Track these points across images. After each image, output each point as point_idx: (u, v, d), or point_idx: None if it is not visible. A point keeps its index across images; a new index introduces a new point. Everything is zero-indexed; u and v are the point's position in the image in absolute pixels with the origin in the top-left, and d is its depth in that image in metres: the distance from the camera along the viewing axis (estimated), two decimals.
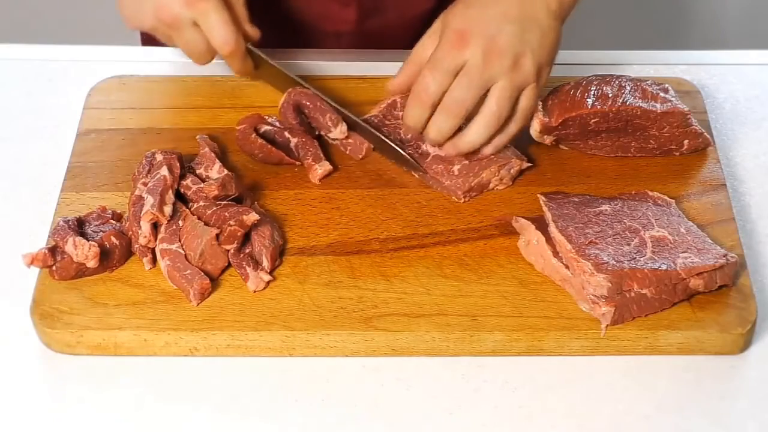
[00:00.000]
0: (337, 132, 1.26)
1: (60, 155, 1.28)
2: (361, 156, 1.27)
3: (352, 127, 1.27)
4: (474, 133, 1.21)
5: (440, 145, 1.24)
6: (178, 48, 1.28)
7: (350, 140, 1.27)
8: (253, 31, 1.30)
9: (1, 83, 1.40)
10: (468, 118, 1.21)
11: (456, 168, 1.23)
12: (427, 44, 1.24)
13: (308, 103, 1.28)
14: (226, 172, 1.21)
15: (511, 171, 1.24)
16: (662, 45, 2.53)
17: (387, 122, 1.29)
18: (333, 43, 1.49)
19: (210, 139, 1.26)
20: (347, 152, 1.28)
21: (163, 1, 1.23)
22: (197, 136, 1.26)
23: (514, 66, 1.18)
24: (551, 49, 1.22)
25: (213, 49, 1.26)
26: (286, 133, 1.27)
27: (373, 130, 1.26)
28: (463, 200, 1.23)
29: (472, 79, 1.18)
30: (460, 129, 1.22)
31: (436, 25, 1.24)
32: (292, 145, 1.26)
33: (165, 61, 1.41)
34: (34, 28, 2.57)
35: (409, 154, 1.24)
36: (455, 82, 1.19)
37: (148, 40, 1.53)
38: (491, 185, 1.24)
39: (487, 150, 1.23)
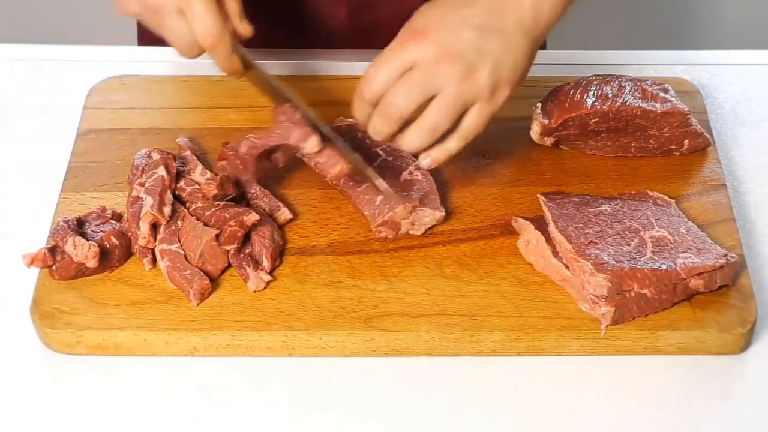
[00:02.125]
0: (309, 146, 1.18)
1: (60, 155, 1.28)
2: (332, 175, 1.19)
3: (328, 141, 1.19)
4: (408, 139, 1.14)
5: (382, 143, 1.18)
6: (164, 36, 1.20)
7: (321, 159, 1.19)
8: (245, 28, 1.21)
9: (1, 83, 1.40)
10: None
11: (378, 198, 1.19)
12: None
13: (283, 119, 1.20)
14: (209, 174, 1.21)
15: (425, 219, 1.19)
16: (662, 45, 2.53)
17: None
18: (324, 40, 1.49)
19: (190, 141, 1.26)
20: (318, 171, 1.21)
21: None
22: (177, 138, 1.26)
23: (465, 76, 1.10)
24: (514, 67, 1.13)
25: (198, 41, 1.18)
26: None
27: (351, 151, 1.18)
28: (380, 234, 1.19)
29: (414, 84, 1.12)
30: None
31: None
32: (248, 197, 1.21)
33: (165, 61, 1.41)
34: (34, 28, 2.57)
35: (391, 187, 1.17)
36: (397, 85, 1.12)
37: (146, 39, 1.53)
38: (403, 228, 1.19)
39: (423, 162, 1.17)
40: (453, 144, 1.15)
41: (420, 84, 1.12)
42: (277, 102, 1.24)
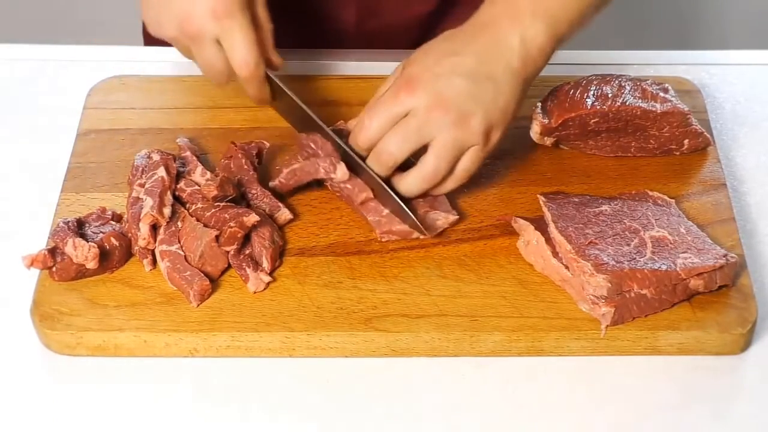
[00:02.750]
0: (338, 176, 1.19)
1: (60, 155, 1.28)
2: (358, 202, 1.19)
3: (353, 170, 1.20)
4: (409, 184, 1.17)
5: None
6: (196, 63, 1.24)
7: (348, 185, 1.19)
8: (277, 60, 1.25)
9: (1, 83, 1.40)
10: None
11: (386, 211, 1.19)
12: (384, 89, 1.19)
13: (314, 147, 1.22)
14: (209, 174, 1.21)
15: (437, 223, 1.19)
16: (662, 45, 2.53)
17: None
18: (332, 43, 1.49)
19: (190, 142, 1.26)
20: (342, 197, 1.21)
21: (189, 13, 1.18)
22: (177, 139, 1.26)
23: (458, 123, 1.13)
24: (505, 110, 1.15)
25: (231, 69, 1.21)
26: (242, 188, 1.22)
27: (377, 176, 1.18)
28: (383, 240, 1.19)
29: (408, 132, 1.14)
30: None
31: (398, 69, 1.20)
32: (248, 197, 1.21)
33: (165, 61, 1.41)
34: (34, 28, 2.57)
35: (411, 211, 1.18)
36: (391, 132, 1.15)
37: (151, 40, 1.53)
38: (414, 234, 1.19)
39: (413, 194, 1.18)
40: (448, 185, 1.19)
41: (414, 132, 1.14)
42: (304, 130, 1.24)
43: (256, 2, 1.22)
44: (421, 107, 1.14)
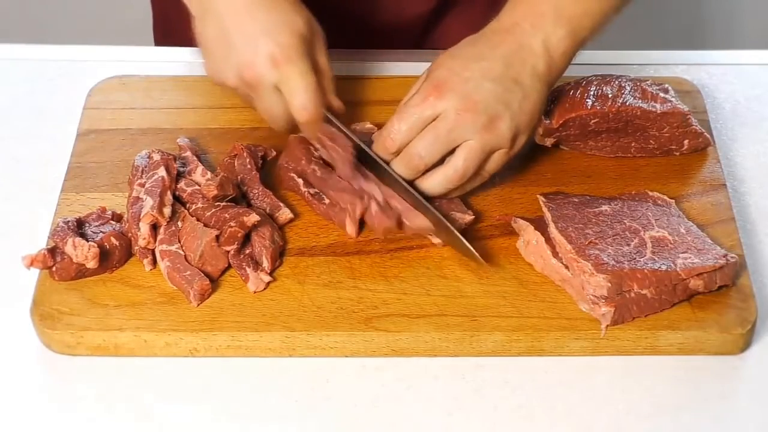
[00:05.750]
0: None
1: (60, 155, 1.28)
2: (380, 230, 1.18)
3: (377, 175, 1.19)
4: (433, 184, 1.17)
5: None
6: (257, 110, 1.22)
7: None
8: (338, 104, 1.23)
9: (1, 83, 1.40)
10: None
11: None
12: (410, 96, 1.19)
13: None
14: (209, 174, 1.21)
15: (453, 224, 1.19)
16: (662, 45, 2.53)
17: None
18: (332, 43, 1.48)
19: (191, 142, 1.26)
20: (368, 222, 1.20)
21: (249, 60, 1.16)
22: (177, 139, 1.26)
23: (488, 126, 1.15)
24: (532, 114, 1.17)
25: (291, 115, 1.19)
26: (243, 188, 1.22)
27: (401, 179, 1.18)
28: (383, 237, 1.19)
29: (438, 135, 1.15)
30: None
31: (424, 74, 1.20)
32: (249, 196, 1.22)
33: (165, 61, 1.41)
34: (34, 28, 2.57)
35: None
36: (421, 134, 1.15)
37: (162, 42, 1.53)
38: (433, 239, 1.19)
39: (436, 194, 1.19)
40: (469, 185, 1.20)
41: (444, 135, 1.15)
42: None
43: (317, 49, 1.21)
44: (451, 110, 1.14)
